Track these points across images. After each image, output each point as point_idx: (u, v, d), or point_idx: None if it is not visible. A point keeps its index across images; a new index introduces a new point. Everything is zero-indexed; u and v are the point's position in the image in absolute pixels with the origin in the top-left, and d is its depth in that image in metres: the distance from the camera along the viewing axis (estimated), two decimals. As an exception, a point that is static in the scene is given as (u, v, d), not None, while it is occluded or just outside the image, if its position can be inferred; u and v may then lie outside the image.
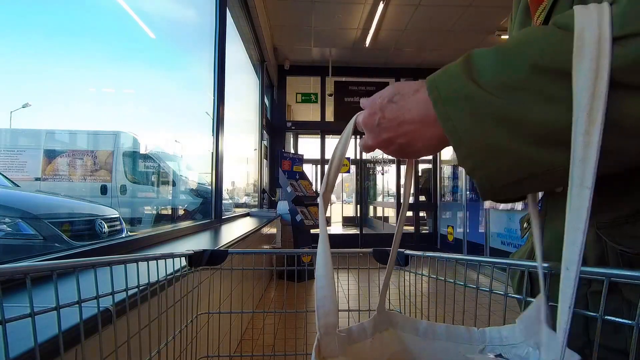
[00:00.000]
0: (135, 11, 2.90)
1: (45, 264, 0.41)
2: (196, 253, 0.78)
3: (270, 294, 3.64)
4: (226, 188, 3.99)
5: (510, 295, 0.50)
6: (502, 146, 0.34)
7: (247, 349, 2.16)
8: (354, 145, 8.97)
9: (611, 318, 0.36)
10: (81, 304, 0.45)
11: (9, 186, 2.42)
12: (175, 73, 4.11)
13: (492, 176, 0.36)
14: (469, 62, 0.36)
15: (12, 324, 0.36)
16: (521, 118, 0.33)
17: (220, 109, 3.10)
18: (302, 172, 5.32)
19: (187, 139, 4.55)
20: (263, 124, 5.80)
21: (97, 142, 4.06)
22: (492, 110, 0.34)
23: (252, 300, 2.75)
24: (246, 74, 5.24)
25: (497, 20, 4.90)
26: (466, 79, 0.35)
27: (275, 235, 4.47)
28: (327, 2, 4.45)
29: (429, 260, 0.71)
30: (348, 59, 6.33)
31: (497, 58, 0.35)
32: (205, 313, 0.86)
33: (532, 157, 0.33)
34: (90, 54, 3.06)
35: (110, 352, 0.53)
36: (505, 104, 0.33)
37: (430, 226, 7.06)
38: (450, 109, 0.36)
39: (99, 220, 2.17)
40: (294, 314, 0.83)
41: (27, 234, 1.69)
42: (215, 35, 3.17)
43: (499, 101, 0.33)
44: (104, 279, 0.50)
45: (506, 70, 0.34)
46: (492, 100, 0.33)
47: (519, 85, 0.33)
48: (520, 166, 0.34)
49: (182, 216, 4.36)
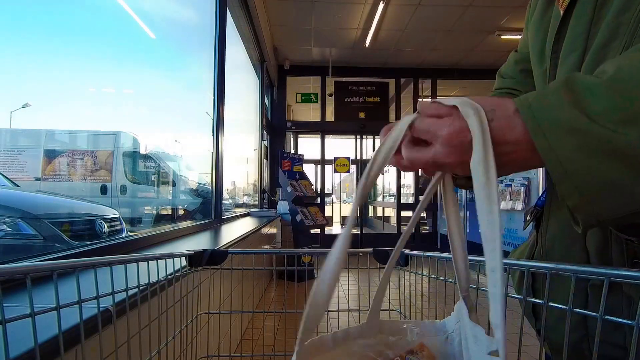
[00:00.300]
0: (135, 11, 2.90)
1: (45, 264, 0.41)
2: (196, 253, 0.78)
3: (270, 294, 3.64)
4: (226, 188, 3.99)
5: (510, 295, 0.50)
6: (616, 184, 0.32)
7: (247, 349, 2.16)
8: (354, 145, 8.97)
9: (611, 318, 0.36)
10: (81, 304, 0.45)
11: (9, 186, 2.42)
12: (175, 73, 4.11)
13: (601, 212, 0.33)
14: (574, 89, 0.33)
15: (12, 324, 0.36)
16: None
17: (220, 109, 3.10)
18: (302, 172, 5.32)
19: (187, 139, 4.56)
20: (263, 124, 5.80)
21: (97, 142, 4.07)
22: (606, 145, 0.31)
23: (252, 300, 2.75)
24: (246, 74, 5.24)
25: (497, 20, 4.90)
26: (572, 109, 0.32)
27: (275, 235, 4.47)
28: (327, 2, 4.45)
29: (429, 260, 0.71)
30: (348, 59, 6.33)
31: (611, 88, 0.32)
32: (205, 313, 0.86)
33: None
34: (91, 54, 3.06)
35: (110, 352, 0.53)
36: (622, 139, 0.31)
37: (430, 226, 7.06)
38: (553, 141, 0.33)
39: (99, 220, 2.17)
40: (294, 314, 0.83)
41: (27, 234, 1.69)
42: (215, 35, 3.17)
43: (614, 136, 0.31)
44: (104, 279, 0.50)
45: (624, 101, 0.31)
46: (607, 134, 0.31)
47: (638, 117, 0.30)
48: (635, 201, 0.32)
49: (182, 216, 4.36)
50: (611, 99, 0.32)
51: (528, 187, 3.99)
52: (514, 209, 4.09)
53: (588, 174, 0.32)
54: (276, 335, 0.92)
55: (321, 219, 5.13)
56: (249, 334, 2.38)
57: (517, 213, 4.09)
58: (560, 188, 0.34)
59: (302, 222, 4.69)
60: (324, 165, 6.85)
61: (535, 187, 4.00)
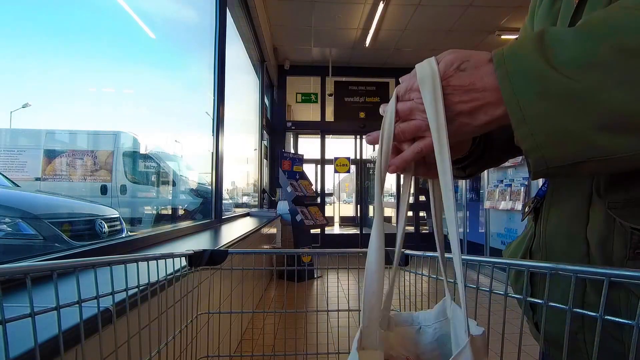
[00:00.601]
0: (135, 11, 2.90)
1: (45, 264, 0.41)
2: (196, 253, 0.78)
3: (270, 294, 3.64)
4: (226, 188, 3.99)
5: (510, 295, 0.50)
6: (569, 129, 0.33)
7: (247, 349, 2.16)
8: (354, 145, 8.97)
9: (611, 318, 0.36)
10: (81, 304, 0.45)
11: (9, 186, 2.42)
12: (176, 73, 4.11)
13: (550, 158, 0.35)
14: (543, 40, 0.35)
15: (12, 324, 0.36)
16: (596, 102, 0.32)
17: (220, 109, 3.10)
18: (302, 172, 5.32)
19: (187, 139, 4.56)
20: (263, 124, 5.80)
21: (97, 142, 4.07)
22: (564, 92, 0.33)
23: (252, 300, 2.75)
24: (246, 74, 5.24)
25: (497, 20, 4.90)
26: (539, 57, 0.34)
27: (275, 235, 4.48)
28: (327, 2, 4.45)
29: (429, 260, 0.71)
30: (348, 59, 6.33)
31: (577, 38, 0.34)
32: (205, 313, 0.86)
33: (597, 142, 0.32)
34: (91, 53, 3.06)
35: (110, 352, 0.53)
36: (580, 87, 0.32)
37: (430, 226, 7.06)
38: (517, 86, 0.35)
39: (99, 220, 2.17)
40: (294, 314, 0.83)
41: (27, 234, 1.69)
42: (215, 35, 3.17)
43: (573, 84, 0.32)
44: (104, 279, 0.50)
45: (587, 51, 0.33)
46: (566, 82, 0.33)
47: (600, 68, 0.32)
48: (583, 150, 0.33)
49: (182, 216, 4.37)
50: (574, 48, 0.33)
51: (528, 187, 3.99)
52: (513, 209, 4.09)
53: (543, 119, 0.34)
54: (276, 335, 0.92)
55: (321, 219, 5.13)
56: (249, 334, 2.38)
57: (517, 213, 4.08)
58: (517, 132, 0.36)
59: (302, 222, 4.69)
60: (324, 165, 6.85)
61: (535, 187, 3.99)
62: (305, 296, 3.69)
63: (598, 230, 0.42)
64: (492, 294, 0.54)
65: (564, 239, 0.47)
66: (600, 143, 0.32)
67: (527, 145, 0.35)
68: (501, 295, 0.50)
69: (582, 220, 0.45)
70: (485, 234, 4.84)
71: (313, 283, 4.29)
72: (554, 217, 0.49)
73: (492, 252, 4.66)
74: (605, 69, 0.32)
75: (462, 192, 5.63)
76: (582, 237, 0.44)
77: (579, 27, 0.35)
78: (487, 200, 4.64)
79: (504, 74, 0.36)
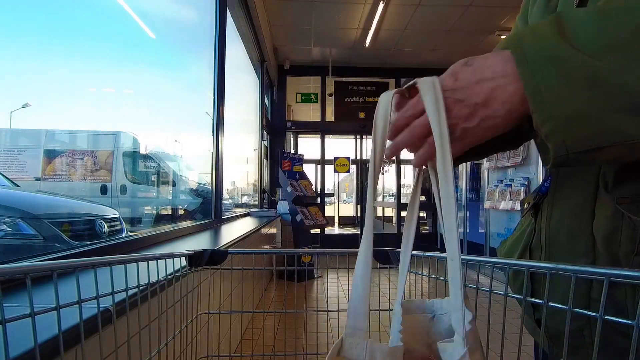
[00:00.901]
0: (135, 11, 2.90)
1: (45, 264, 0.41)
2: (196, 253, 0.78)
3: (270, 294, 3.64)
4: (226, 188, 3.99)
5: (510, 295, 0.50)
6: (590, 112, 0.32)
7: (247, 349, 2.16)
8: (354, 145, 8.97)
9: (611, 318, 0.36)
10: (81, 304, 0.45)
11: (9, 186, 2.42)
12: (175, 73, 4.11)
13: (572, 143, 0.33)
14: (561, 22, 0.34)
15: (12, 324, 0.36)
16: (618, 83, 0.31)
17: (220, 109, 3.10)
18: (302, 172, 5.32)
19: (187, 139, 4.56)
20: (263, 124, 5.80)
21: (97, 142, 4.07)
22: (585, 73, 0.31)
23: (252, 300, 2.75)
24: (246, 74, 5.24)
25: (497, 20, 4.90)
26: (558, 38, 0.33)
27: (275, 235, 4.48)
28: (327, 2, 4.45)
29: (429, 260, 0.71)
30: (348, 59, 6.33)
31: (597, 18, 0.33)
32: (205, 313, 0.86)
33: (619, 126, 0.31)
34: (90, 54, 3.06)
35: (110, 352, 0.53)
36: (601, 67, 0.31)
37: (430, 226, 7.06)
38: (536, 68, 0.34)
39: (99, 220, 2.17)
40: (294, 314, 0.83)
41: (27, 234, 1.70)
42: (215, 35, 3.17)
43: (595, 64, 0.31)
44: (104, 279, 0.50)
45: (608, 31, 0.32)
46: (588, 62, 0.31)
47: (622, 48, 0.31)
48: (604, 134, 0.32)
49: (182, 216, 4.37)
50: (593, 27, 0.33)
51: (528, 187, 3.99)
52: (513, 209, 4.09)
53: (562, 100, 0.33)
54: (276, 335, 0.92)
55: (321, 219, 5.13)
56: (249, 334, 2.38)
57: (517, 213, 4.08)
58: (535, 116, 0.34)
59: (302, 222, 4.69)
60: (324, 165, 6.84)
61: (535, 187, 3.99)
62: (305, 296, 3.69)
63: (604, 226, 0.42)
64: (492, 293, 0.54)
65: (567, 235, 0.47)
66: (623, 127, 0.31)
67: (548, 129, 0.34)
68: (501, 295, 0.50)
69: (588, 216, 0.44)
70: (485, 234, 4.83)
71: (313, 283, 4.29)
72: (557, 213, 0.49)
73: (492, 252, 4.66)
74: (629, 49, 0.31)
75: (463, 192, 5.63)
76: (588, 232, 0.44)
77: (598, 8, 0.34)
78: (487, 200, 4.64)
79: (522, 57, 0.35)
